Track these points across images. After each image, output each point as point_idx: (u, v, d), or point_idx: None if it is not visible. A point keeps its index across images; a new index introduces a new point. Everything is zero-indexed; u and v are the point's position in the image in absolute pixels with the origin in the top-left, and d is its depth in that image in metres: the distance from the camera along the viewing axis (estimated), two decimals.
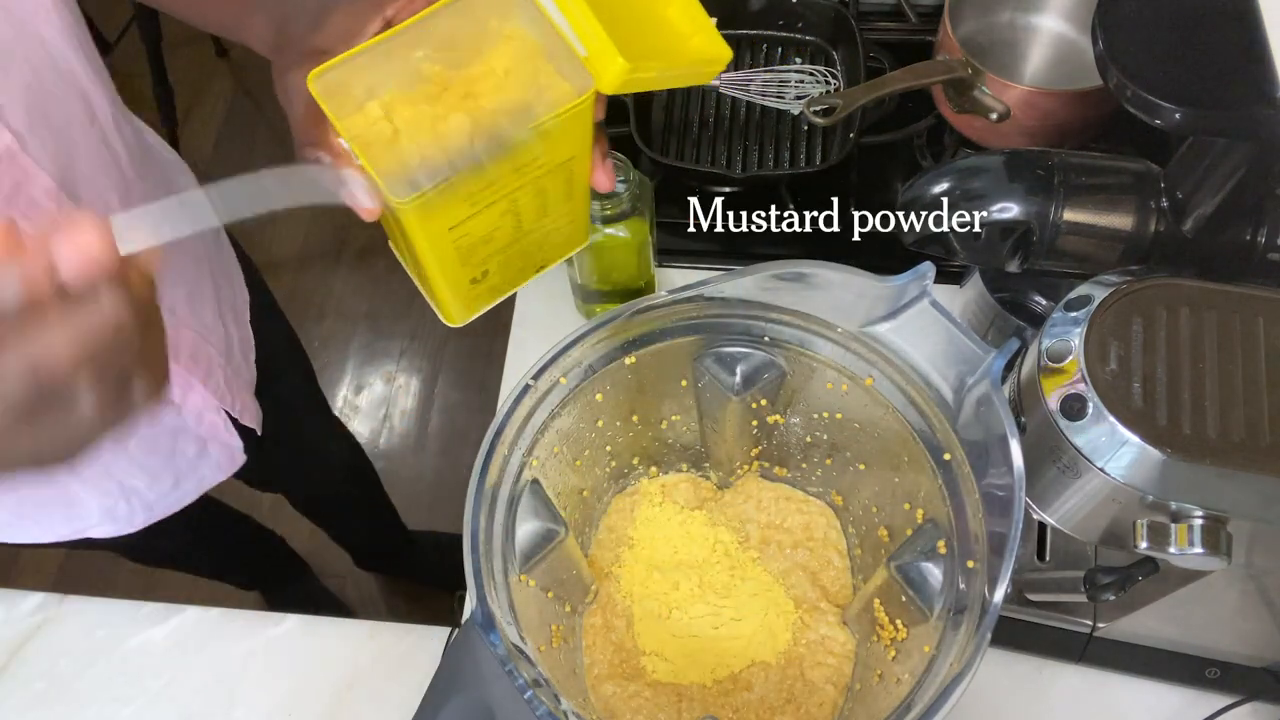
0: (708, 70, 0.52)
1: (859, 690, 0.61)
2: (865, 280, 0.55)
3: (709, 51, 0.51)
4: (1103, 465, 0.49)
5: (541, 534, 0.56)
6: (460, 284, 0.53)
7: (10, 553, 1.67)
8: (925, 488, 0.57)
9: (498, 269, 0.54)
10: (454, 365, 1.84)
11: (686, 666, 0.63)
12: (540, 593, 0.59)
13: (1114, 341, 0.50)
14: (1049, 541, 0.66)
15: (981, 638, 0.48)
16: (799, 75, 0.93)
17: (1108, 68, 0.55)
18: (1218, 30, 0.54)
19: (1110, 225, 0.61)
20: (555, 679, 0.51)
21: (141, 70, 1.86)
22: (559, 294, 0.85)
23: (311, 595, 1.53)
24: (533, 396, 0.57)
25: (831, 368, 0.60)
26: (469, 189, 0.47)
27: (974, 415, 0.53)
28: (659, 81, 0.50)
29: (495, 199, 0.49)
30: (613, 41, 0.45)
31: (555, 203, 0.53)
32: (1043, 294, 0.72)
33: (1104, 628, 0.63)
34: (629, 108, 0.88)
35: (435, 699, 0.50)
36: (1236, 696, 0.64)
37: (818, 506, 0.68)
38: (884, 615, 0.59)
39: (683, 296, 0.57)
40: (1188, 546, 0.48)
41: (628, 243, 0.74)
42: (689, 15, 0.51)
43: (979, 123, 0.83)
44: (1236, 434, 0.48)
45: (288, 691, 0.72)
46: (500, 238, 0.52)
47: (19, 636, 0.74)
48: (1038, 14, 0.91)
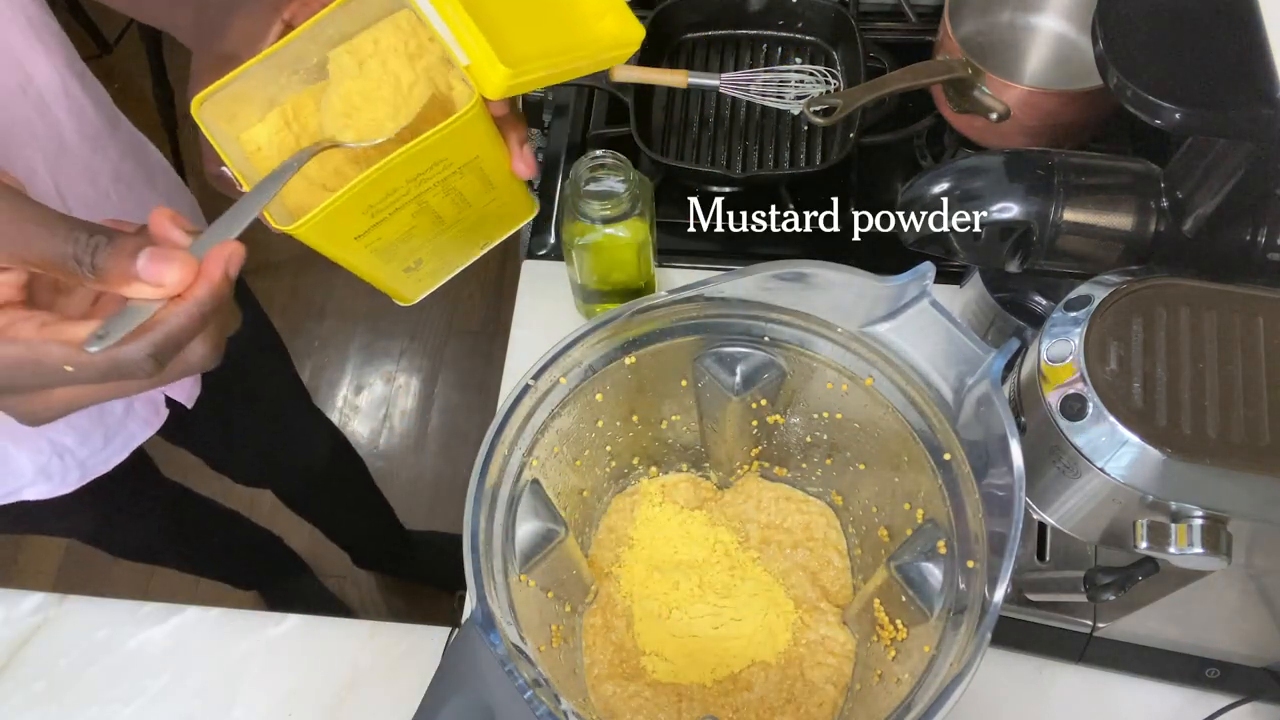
0: (615, 55, 0.51)
1: (859, 690, 0.61)
2: (865, 280, 0.55)
3: (619, 34, 0.50)
4: (1103, 465, 0.49)
5: (541, 534, 0.56)
6: (394, 275, 0.54)
7: (10, 553, 1.67)
8: (925, 488, 0.57)
9: (431, 256, 0.55)
10: (454, 365, 1.84)
11: (686, 666, 0.62)
12: (540, 593, 0.59)
13: (1114, 341, 0.50)
14: (1049, 541, 0.66)
15: (981, 638, 0.48)
16: (799, 75, 0.93)
17: (1108, 68, 0.55)
18: (1218, 30, 0.54)
19: (1110, 225, 0.61)
20: (555, 679, 0.51)
21: (142, 70, 1.86)
22: (559, 294, 0.85)
23: (311, 595, 1.53)
24: (533, 396, 0.57)
25: (831, 368, 0.60)
26: (365, 203, 0.47)
27: (974, 415, 0.53)
28: (554, 78, 0.49)
29: (400, 204, 0.48)
30: (495, 47, 0.44)
31: (475, 195, 0.52)
32: (1043, 294, 0.72)
33: (1104, 628, 0.63)
34: (629, 108, 0.88)
35: (435, 699, 0.50)
36: (1236, 696, 0.64)
37: (818, 506, 0.68)
38: (884, 615, 0.59)
39: (683, 296, 0.57)
40: (1188, 546, 0.48)
41: (628, 243, 0.74)
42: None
43: (979, 123, 0.83)
44: (1236, 434, 0.48)
45: (287, 691, 0.72)
46: (421, 233, 0.52)
47: (19, 636, 0.74)
48: (1038, 14, 0.91)
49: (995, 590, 0.48)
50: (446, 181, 0.49)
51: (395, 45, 0.49)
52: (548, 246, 0.89)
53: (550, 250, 0.89)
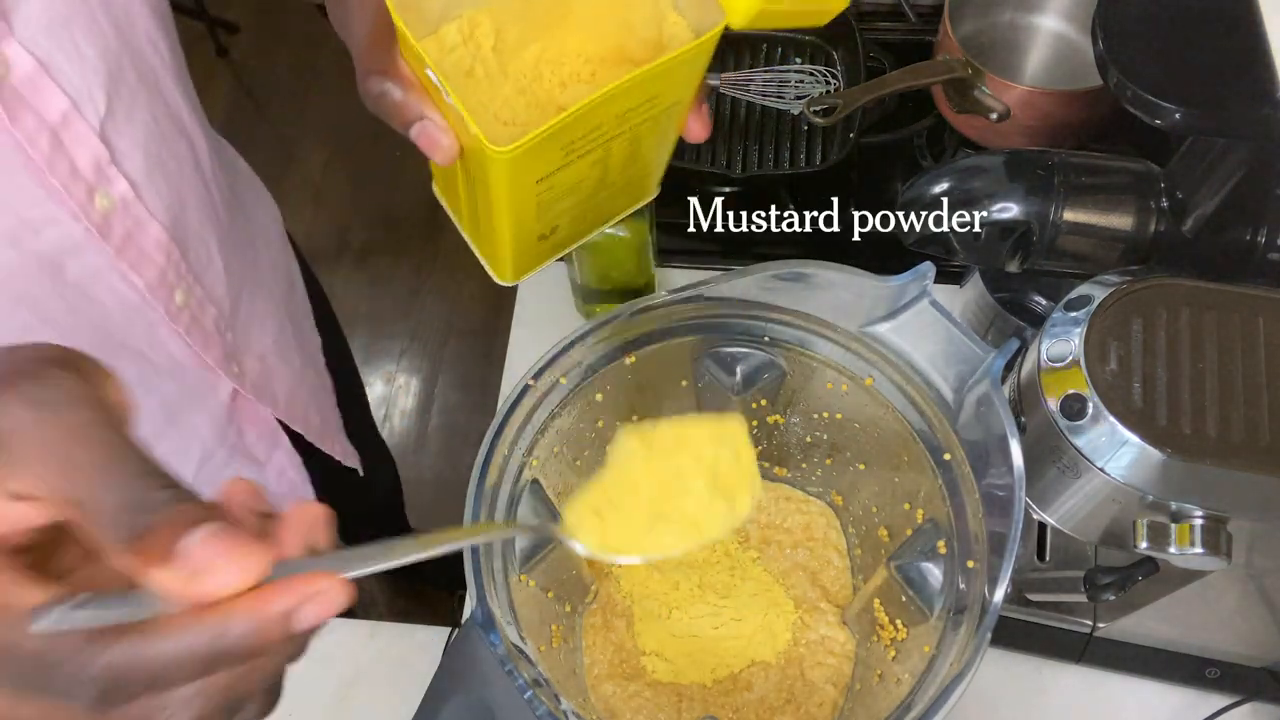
0: (828, 9, 0.46)
1: (859, 690, 0.61)
2: (865, 280, 0.55)
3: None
4: (1103, 465, 0.49)
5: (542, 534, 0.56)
6: (528, 240, 0.48)
7: None
8: (925, 488, 0.57)
9: (569, 223, 0.49)
10: (454, 365, 1.84)
11: (686, 666, 0.63)
12: (540, 593, 0.59)
13: (1114, 341, 0.50)
14: (1049, 541, 0.65)
15: (981, 638, 0.48)
16: (799, 75, 0.93)
17: (1108, 68, 0.55)
18: (1218, 30, 0.54)
19: (1110, 225, 0.61)
20: (555, 679, 0.51)
21: None
22: (559, 294, 0.85)
23: None
24: (533, 396, 0.57)
25: (831, 368, 0.60)
26: (570, 136, 0.41)
27: (974, 415, 0.53)
28: (790, 17, 0.44)
29: (591, 147, 0.43)
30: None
31: (646, 151, 0.47)
32: (1043, 294, 0.72)
33: (1104, 628, 0.63)
34: None
35: (435, 699, 0.50)
36: (1236, 696, 0.64)
37: (818, 506, 0.68)
38: (884, 615, 0.59)
39: (683, 296, 0.57)
40: (1188, 546, 0.48)
41: (628, 242, 0.74)
42: None
43: (979, 123, 0.83)
44: (1236, 434, 0.48)
45: (288, 691, 0.72)
46: (584, 189, 0.46)
47: None
48: (1038, 14, 0.91)
49: (995, 590, 0.48)
50: (640, 127, 0.44)
51: None
52: None
53: None
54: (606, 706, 0.61)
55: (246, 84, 2.16)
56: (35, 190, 0.48)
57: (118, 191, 0.52)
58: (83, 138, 0.49)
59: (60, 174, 0.48)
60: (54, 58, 0.47)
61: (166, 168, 0.56)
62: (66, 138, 0.48)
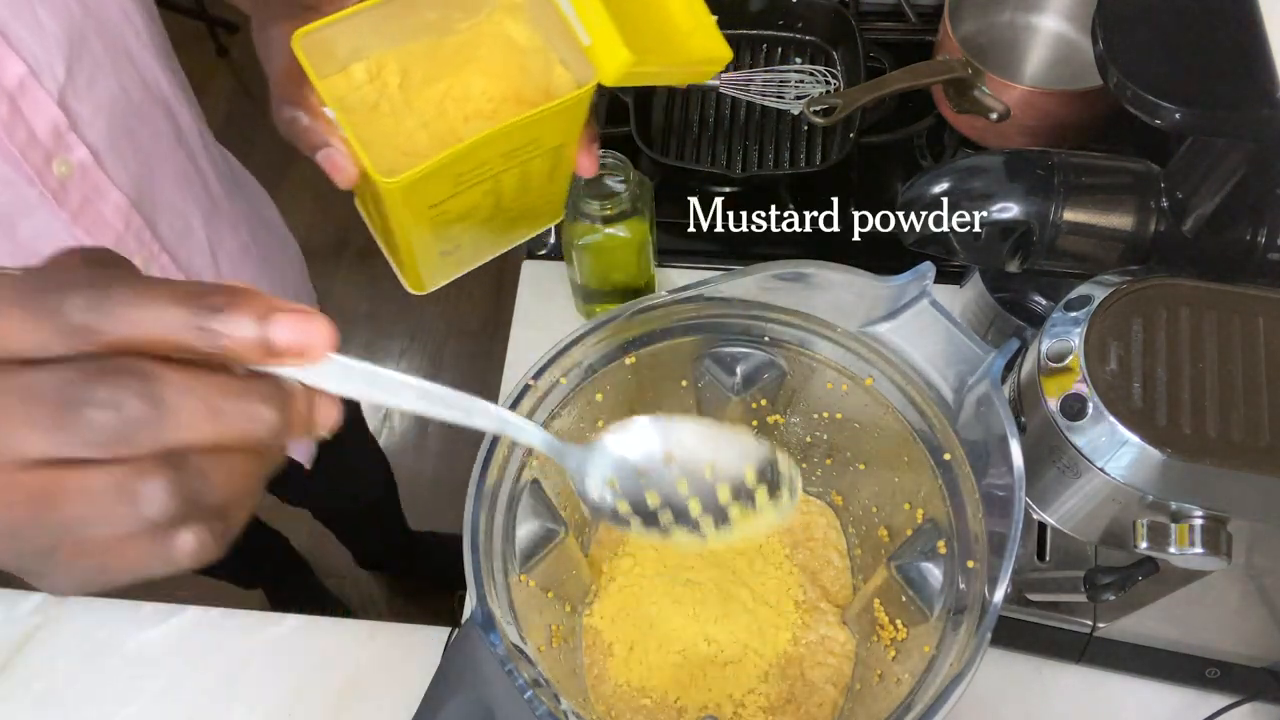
0: (707, 70, 0.52)
1: (859, 690, 0.61)
2: (865, 280, 0.55)
3: (710, 50, 0.51)
4: (1103, 465, 0.49)
5: (541, 534, 0.56)
6: (430, 255, 0.53)
7: None
8: (925, 488, 0.57)
9: (469, 243, 0.54)
10: (454, 365, 1.84)
11: (686, 666, 0.62)
12: (540, 593, 0.59)
13: (1114, 341, 0.50)
14: (1049, 541, 0.65)
15: (981, 638, 0.48)
16: (799, 75, 0.93)
17: (1108, 68, 0.55)
18: (1218, 30, 0.54)
19: (1110, 225, 0.61)
20: (555, 679, 0.51)
21: None
22: (559, 294, 0.85)
23: (312, 595, 1.53)
24: (533, 396, 0.57)
25: (831, 368, 0.60)
26: (458, 169, 0.46)
27: (974, 415, 0.53)
28: (659, 77, 0.50)
29: (481, 179, 0.48)
30: (618, 33, 0.44)
31: (538, 184, 0.52)
32: (1043, 294, 0.72)
33: (1104, 628, 0.63)
34: (629, 108, 0.88)
35: (435, 699, 0.50)
36: (1236, 696, 0.64)
37: (818, 506, 0.68)
38: (884, 615, 0.59)
39: (683, 296, 0.57)
40: (1188, 546, 0.48)
41: (628, 243, 0.74)
42: (691, 12, 0.51)
43: (979, 123, 0.83)
44: (1236, 434, 0.48)
45: (288, 691, 0.72)
46: (478, 214, 0.51)
47: (19, 636, 0.74)
48: (1038, 14, 0.91)
49: (995, 590, 0.48)
50: (527, 164, 0.49)
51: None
52: (548, 246, 0.89)
53: (550, 250, 0.89)
54: (606, 706, 0.61)
55: (246, 84, 2.16)
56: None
57: (76, 158, 0.53)
58: (41, 104, 0.50)
59: (18, 139, 0.50)
60: (10, 26, 0.48)
61: (136, 136, 0.57)
62: (24, 104, 0.50)
